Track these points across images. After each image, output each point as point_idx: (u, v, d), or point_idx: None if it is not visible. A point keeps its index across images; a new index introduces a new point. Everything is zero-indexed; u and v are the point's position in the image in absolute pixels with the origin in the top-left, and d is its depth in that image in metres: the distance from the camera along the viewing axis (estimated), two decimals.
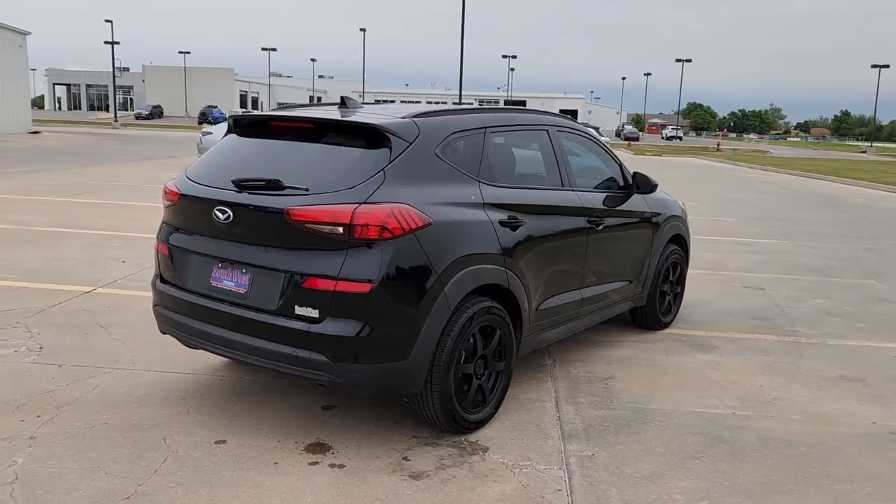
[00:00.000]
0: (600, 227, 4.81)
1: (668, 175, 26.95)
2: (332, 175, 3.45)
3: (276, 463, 3.41)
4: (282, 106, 4.96)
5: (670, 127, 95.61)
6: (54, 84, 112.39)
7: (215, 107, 74.49)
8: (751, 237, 11.68)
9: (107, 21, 67.51)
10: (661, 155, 45.52)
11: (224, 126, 20.49)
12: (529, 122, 4.58)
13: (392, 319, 3.33)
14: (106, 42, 72.96)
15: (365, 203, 3.30)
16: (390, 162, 3.49)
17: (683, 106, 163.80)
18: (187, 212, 3.76)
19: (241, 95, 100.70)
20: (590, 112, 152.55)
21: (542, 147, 4.59)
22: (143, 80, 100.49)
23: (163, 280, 3.98)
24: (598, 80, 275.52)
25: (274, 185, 3.45)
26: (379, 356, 3.33)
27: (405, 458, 3.51)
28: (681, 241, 6.08)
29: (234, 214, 3.50)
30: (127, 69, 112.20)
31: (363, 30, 66.30)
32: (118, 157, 24.39)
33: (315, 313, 3.32)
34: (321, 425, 3.84)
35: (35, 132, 38.53)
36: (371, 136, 3.57)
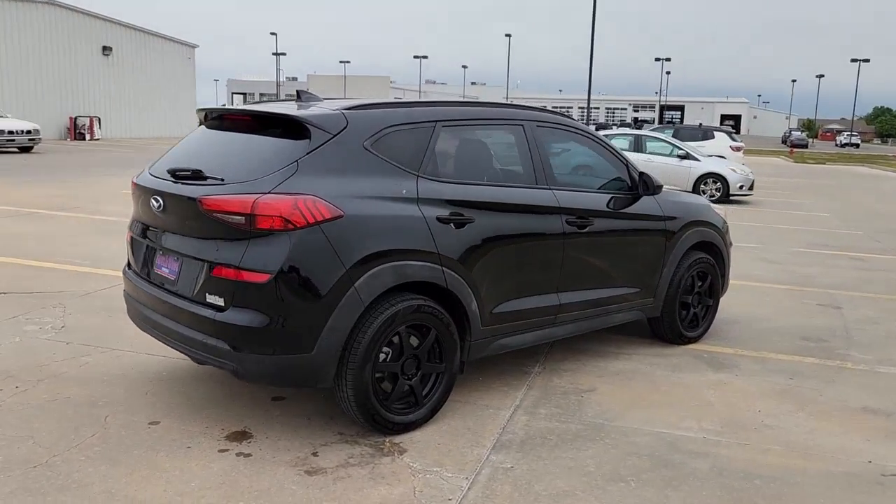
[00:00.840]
0: (586, 229, 4.52)
1: (819, 183, 24.98)
2: (249, 166, 3.50)
3: (189, 447, 3.50)
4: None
5: (846, 133, 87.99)
6: (233, 93, 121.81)
7: None
8: (868, 252, 10.55)
9: (272, 34, 72.35)
10: (824, 163, 42.07)
11: None
12: (500, 117, 4.39)
13: (293, 312, 3.31)
14: (274, 53, 78.46)
15: (268, 194, 3.31)
16: (307, 153, 3.49)
17: (867, 111, 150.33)
18: (139, 201, 3.96)
19: None
20: (755, 117, 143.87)
21: (514, 143, 4.39)
22: (307, 89, 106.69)
23: (129, 267, 4.20)
24: (765, 84, 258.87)
25: (196, 175, 3.55)
26: (280, 348, 3.33)
27: (314, 454, 3.48)
28: (711, 250, 5.58)
29: (164, 203, 3.64)
30: (296, 78, 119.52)
31: (508, 35, 66.58)
32: None
33: (221, 302, 3.38)
34: (259, 415, 3.89)
35: None
36: (294, 129, 3.58)
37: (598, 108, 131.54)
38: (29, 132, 23.91)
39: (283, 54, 79.57)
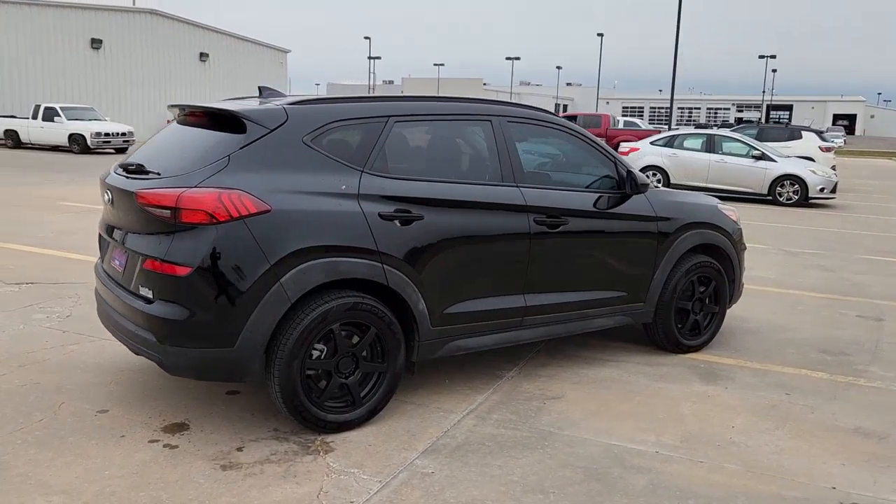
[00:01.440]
0: (559, 229, 4.33)
1: None
2: (187, 161, 3.53)
3: (122, 436, 3.57)
4: None
5: None
6: None
7: None
8: None
9: (365, 38, 73.91)
10: None
11: None
12: (464, 112, 4.26)
13: (213, 305, 3.32)
14: (369, 57, 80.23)
15: (193, 187, 3.33)
16: (241, 148, 3.49)
17: None
18: (102, 197, 4.08)
19: None
20: (872, 117, 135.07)
21: (480, 138, 4.25)
22: (402, 91, 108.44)
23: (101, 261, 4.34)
24: (889, 81, 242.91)
25: (139, 170, 3.62)
26: (201, 341, 3.35)
27: (239, 449, 3.48)
28: (717, 253, 5.24)
29: (112, 197, 3.73)
30: (392, 82, 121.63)
31: (601, 35, 65.30)
32: None
33: (150, 294, 3.43)
34: (204, 408, 3.93)
35: None
36: (234, 124, 3.60)
37: (698, 109, 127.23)
38: (124, 134, 25.37)
39: (378, 58, 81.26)
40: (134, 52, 33.69)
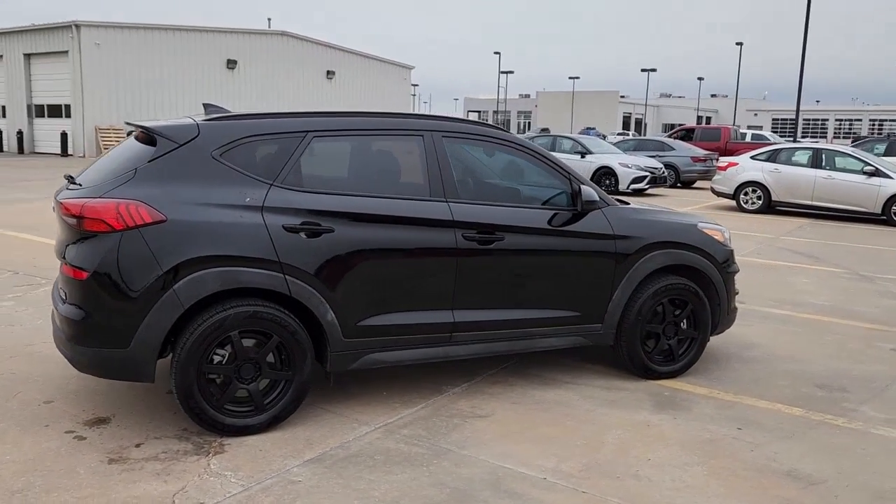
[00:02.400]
0: (492, 245, 4.25)
1: None
2: (104, 173, 3.80)
3: (46, 425, 3.88)
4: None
5: None
6: (468, 111, 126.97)
7: (593, 128, 77.05)
8: None
9: (495, 53, 74.51)
10: None
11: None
12: (394, 127, 4.27)
13: (108, 309, 3.55)
14: (502, 72, 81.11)
15: (97, 198, 3.58)
16: (149, 161, 3.72)
17: None
18: None
19: (624, 117, 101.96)
20: None
21: (410, 153, 4.25)
22: (536, 106, 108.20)
23: None
24: None
25: (71, 182, 3.94)
26: (98, 342, 3.58)
27: (137, 445, 3.68)
28: (695, 275, 4.92)
29: (55, 207, 4.07)
30: (528, 95, 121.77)
31: (739, 44, 62.10)
32: None
33: (65, 296, 3.72)
34: (136, 403, 4.18)
35: None
36: (148, 139, 3.83)
37: (859, 121, 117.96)
38: None
39: (511, 72, 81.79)
40: (265, 71, 35.85)
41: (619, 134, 61.21)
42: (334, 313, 3.92)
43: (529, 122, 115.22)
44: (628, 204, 5.00)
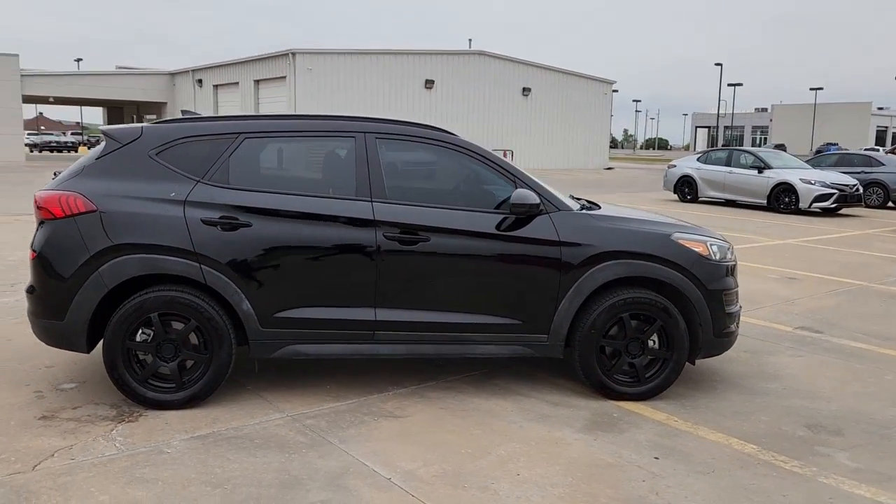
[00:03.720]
0: (416, 245, 4.25)
1: None
2: (69, 170, 4.38)
3: (27, 385, 4.53)
4: None
5: None
6: (696, 127, 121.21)
7: (834, 144, 70.07)
8: None
9: (716, 65, 70.57)
10: None
11: (701, 157, 20.30)
12: (328, 129, 4.43)
13: (47, 285, 4.11)
14: (729, 84, 76.95)
15: (47, 190, 4.17)
16: (96, 159, 4.25)
17: None
18: None
19: (878, 131, 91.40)
20: None
21: (339, 154, 4.39)
22: (771, 120, 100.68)
23: None
24: None
25: (55, 177, 4.59)
26: (43, 313, 4.15)
27: (75, 408, 4.18)
28: (666, 290, 4.49)
29: None
30: (765, 109, 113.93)
31: None
32: (632, 186, 26.21)
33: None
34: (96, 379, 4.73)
35: (609, 168, 43.63)
36: (104, 139, 4.36)
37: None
38: None
39: (739, 84, 77.19)
40: (460, 89, 37.24)
41: (867, 149, 54.97)
42: (250, 303, 4.16)
43: (766, 138, 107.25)
44: (599, 208, 4.71)
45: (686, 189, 20.21)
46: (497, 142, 38.52)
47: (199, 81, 40.39)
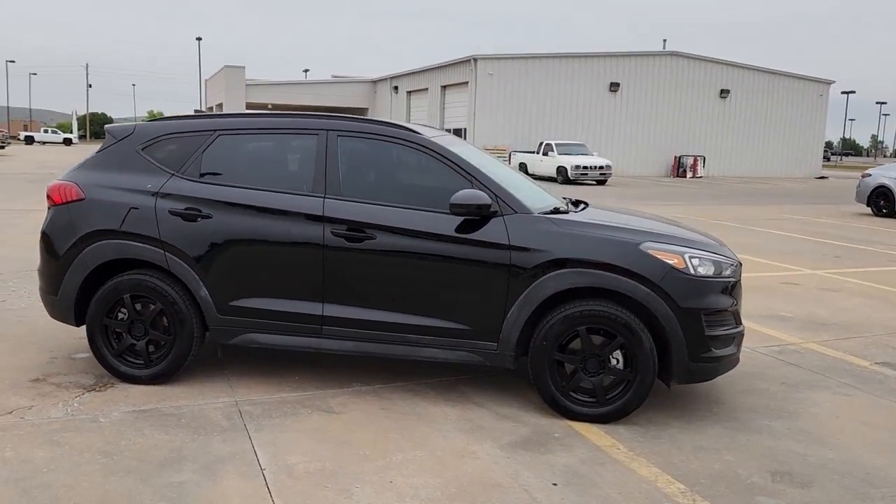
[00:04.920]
0: (363, 243, 4.25)
1: None
2: (78, 162, 4.91)
3: (50, 351, 5.15)
4: None
5: None
6: None
7: None
8: None
9: None
10: None
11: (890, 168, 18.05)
12: (294, 127, 4.52)
13: (47, 263, 4.64)
14: None
15: (56, 181, 4.72)
16: (96, 153, 4.73)
17: None
18: None
19: None
20: None
21: (302, 151, 4.47)
22: None
23: None
24: None
25: None
26: (44, 288, 4.70)
27: (65, 374, 4.68)
28: (630, 303, 4.08)
29: None
30: None
31: None
32: (821, 197, 23.74)
33: None
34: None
35: (821, 177, 39.58)
36: (106, 135, 4.83)
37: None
38: (601, 167, 27.57)
39: None
40: (648, 92, 35.75)
41: None
42: (207, 290, 4.41)
43: None
44: (583, 208, 4.43)
45: (882, 201, 17.98)
46: (686, 147, 36.54)
47: (395, 88, 42.63)
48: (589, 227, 4.23)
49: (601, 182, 27.81)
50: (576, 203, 5.19)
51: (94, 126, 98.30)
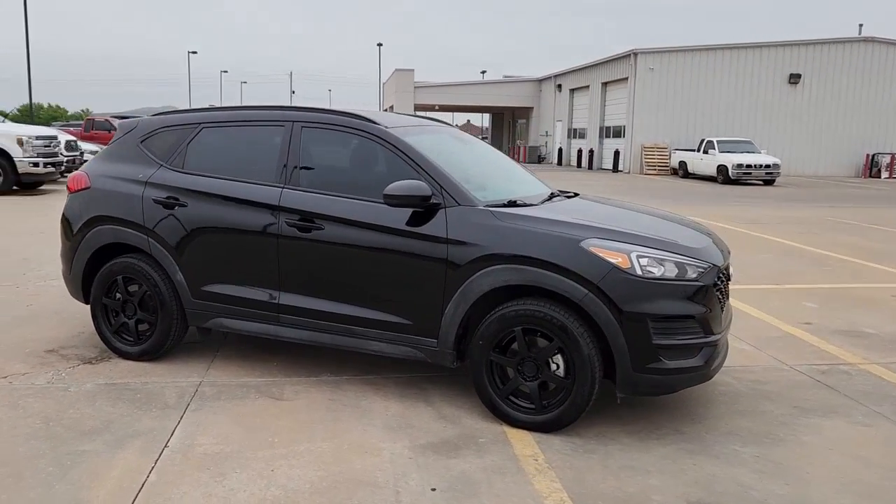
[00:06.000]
0: (311, 233, 4.28)
1: None
2: None
3: (77, 325, 5.69)
4: None
5: None
6: None
7: None
8: None
9: None
10: None
11: None
12: (266, 118, 4.61)
13: (63, 245, 5.12)
14: None
15: (76, 171, 5.20)
16: (109, 145, 5.15)
17: None
18: None
19: None
20: None
21: (272, 142, 4.56)
22: None
23: None
24: None
25: None
26: (64, 269, 5.18)
27: (76, 347, 5.15)
28: (568, 305, 3.75)
29: None
30: None
31: None
32: None
33: None
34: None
35: None
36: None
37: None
38: (768, 166, 25.43)
39: None
40: (835, 83, 32.39)
41: None
42: (182, 275, 4.65)
43: None
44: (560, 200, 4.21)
45: None
46: (881, 144, 32.72)
47: (559, 86, 42.08)
48: (533, 222, 3.94)
49: (768, 182, 25.64)
50: (570, 197, 4.90)
51: None
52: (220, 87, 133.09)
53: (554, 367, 3.84)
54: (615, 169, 32.63)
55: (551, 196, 4.75)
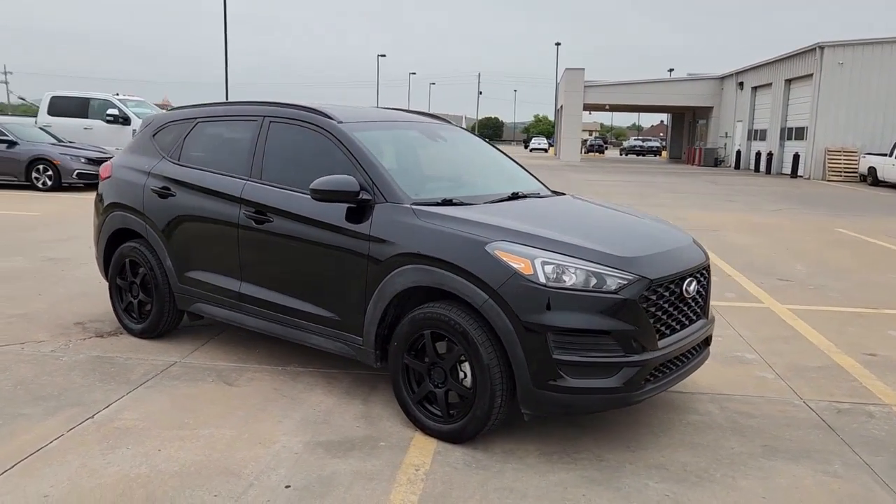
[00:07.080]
0: (263, 226, 4.39)
1: None
2: None
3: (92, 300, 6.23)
4: None
5: None
6: None
7: None
8: None
9: None
10: None
11: None
12: (245, 113, 4.75)
13: (94, 227, 5.64)
14: None
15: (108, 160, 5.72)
16: (132, 139, 5.61)
17: None
18: None
19: None
20: None
21: (247, 136, 4.70)
22: None
23: None
24: None
25: None
26: (94, 248, 5.72)
27: (83, 324, 5.65)
28: (469, 309, 3.54)
29: None
30: None
31: None
32: None
33: None
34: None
35: None
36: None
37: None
38: None
39: None
40: None
41: None
42: (171, 261, 4.96)
43: None
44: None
45: None
46: None
47: (741, 84, 39.28)
48: (450, 222, 3.74)
49: None
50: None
51: (486, 130, 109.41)
52: (408, 88, 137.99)
53: (461, 375, 3.64)
54: (794, 174, 29.87)
55: (514, 195, 4.49)
